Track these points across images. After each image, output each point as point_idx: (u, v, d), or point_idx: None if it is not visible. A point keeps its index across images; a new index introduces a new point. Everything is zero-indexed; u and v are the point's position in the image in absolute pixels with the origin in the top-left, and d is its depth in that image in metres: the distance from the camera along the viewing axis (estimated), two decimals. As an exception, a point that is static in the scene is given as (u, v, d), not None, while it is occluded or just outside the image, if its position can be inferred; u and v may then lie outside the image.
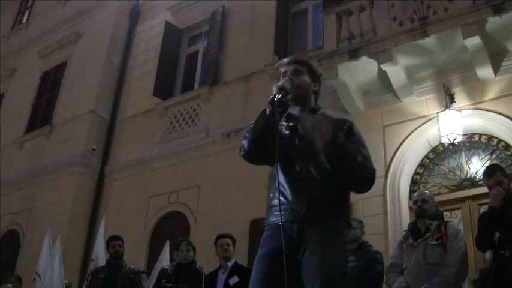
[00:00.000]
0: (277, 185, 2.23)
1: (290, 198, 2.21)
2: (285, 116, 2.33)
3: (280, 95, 2.23)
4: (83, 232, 9.37)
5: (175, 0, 10.85)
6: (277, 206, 2.21)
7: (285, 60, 2.55)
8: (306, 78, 2.44)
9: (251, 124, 2.29)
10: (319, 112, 2.44)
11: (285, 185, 2.25)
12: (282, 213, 2.18)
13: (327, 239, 2.13)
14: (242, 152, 2.30)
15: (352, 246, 4.54)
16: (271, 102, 2.22)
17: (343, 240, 2.25)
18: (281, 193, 2.23)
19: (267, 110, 2.22)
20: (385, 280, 4.33)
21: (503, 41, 6.27)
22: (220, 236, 5.10)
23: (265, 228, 2.28)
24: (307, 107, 2.43)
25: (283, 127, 2.36)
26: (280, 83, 2.32)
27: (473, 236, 4.98)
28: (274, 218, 2.22)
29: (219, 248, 5.02)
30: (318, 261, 2.08)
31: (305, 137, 2.31)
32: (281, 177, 2.26)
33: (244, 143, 2.28)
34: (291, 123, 2.37)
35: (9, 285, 6.91)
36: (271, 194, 2.30)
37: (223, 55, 9.58)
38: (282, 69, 2.46)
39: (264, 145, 2.23)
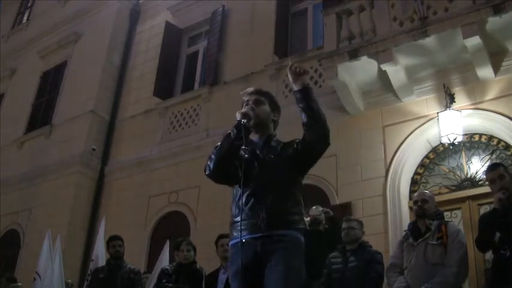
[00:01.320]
0: (240, 203, 2.46)
1: (250, 214, 2.42)
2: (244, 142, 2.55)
3: (245, 121, 2.46)
4: (83, 232, 9.37)
5: (175, 0, 10.85)
6: (239, 222, 2.43)
7: (248, 90, 2.74)
8: (267, 107, 2.66)
9: (216, 146, 2.51)
10: (274, 139, 2.66)
11: (246, 203, 2.46)
12: (243, 227, 2.41)
13: (287, 249, 2.35)
14: (207, 172, 2.52)
15: (352, 246, 4.55)
16: (236, 127, 2.46)
17: (301, 249, 2.45)
18: (242, 210, 2.45)
19: (232, 134, 2.45)
20: (385, 281, 4.33)
21: (503, 41, 6.27)
22: (221, 236, 5.09)
23: (230, 245, 2.49)
24: (265, 134, 2.65)
25: (244, 151, 2.57)
26: (244, 110, 2.54)
27: (473, 236, 4.98)
28: (237, 234, 2.42)
29: (219, 248, 5.02)
30: (281, 268, 2.30)
31: (263, 160, 2.53)
32: (242, 197, 2.48)
33: (210, 163, 2.50)
34: (251, 148, 2.59)
35: (19, 284, 6.93)
36: (233, 212, 2.51)
37: (223, 55, 9.58)
38: (245, 98, 2.67)
39: (228, 166, 2.49)
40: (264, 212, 2.39)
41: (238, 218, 2.44)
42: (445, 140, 6.34)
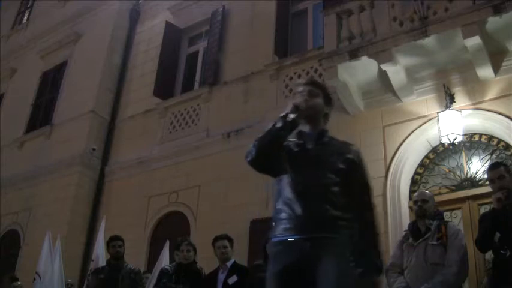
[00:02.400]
0: (284, 198, 2.33)
1: (299, 212, 2.29)
2: (296, 132, 2.45)
3: (294, 114, 2.33)
4: (83, 232, 9.38)
5: (175, 0, 10.86)
6: (285, 219, 2.30)
7: (303, 80, 2.65)
8: (320, 100, 2.53)
9: (261, 134, 2.36)
10: (327, 134, 2.54)
11: (293, 200, 2.32)
12: (289, 226, 2.28)
13: (339, 254, 2.24)
14: (249, 158, 2.36)
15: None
16: (284, 117, 2.32)
17: (351, 255, 2.33)
18: (289, 207, 2.31)
19: (279, 123, 2.31)
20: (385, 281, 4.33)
21: (503, 41, 6.27)
22: (216, 238, 5.07)
23: (273, 241, 2.34)
24: (317, 127, 2.52)
25: (292, 144, 2.45)
26: (296, 100, 2.40)
27: (473, 236, 4.98)
28: (285, 233, 2.29)
29: (217, 250, 5.02)
30: (335, 276, 2.18)
31: (314, 155, 2.41)
32: (288, 191, 2.34)
33: (253, 150, 2.34)
34: (301, 141, 2.47)
35: (19, 283, 6.93)
36: (278, 207, 2.37)
37: (223, 55, 9.58)
38: (299, 88, 2.55)
39: (271, 156, 2.34)
40: (314, 211, 2.28)
41: (284, 215, 2.32)
42: (445, 140, 6.34)
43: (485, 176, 6.09)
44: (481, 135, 6.54)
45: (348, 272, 2.24)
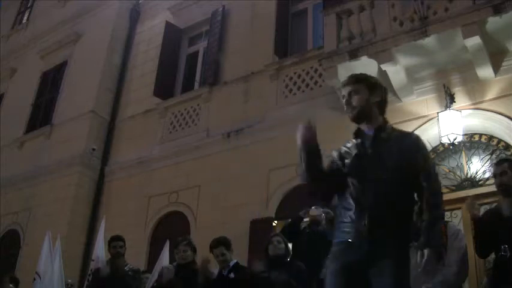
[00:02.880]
0: (346, 203, 2.37)
1: (359, 218, 2.30)
2: (354, 132, 2.47)
3: (307, 147, 2.37)
4: (83, 232, 9.38)
5: (175, 0, 10.86)
6: (346, 223, 2.33)
7: (344, 80, 2.57)
8: (362, 95, 2.47)
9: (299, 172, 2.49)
10: (386, 129, 2.48)
11: (353, 204, 2.34)
12: (348, 230, 2.32)
13: (395, 259, 2.23)
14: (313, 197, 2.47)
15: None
16: (302, 147, 2.36)
17: (408, 258, 2.34)
18: (350, 212, 2.34)
19: (300, 155, 2.38)
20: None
21: (503, 41, 6.27)
22: (213, 246, 5.02)
23: (335, 242, 2.39)
24: (373, 122, 2.47)
25: (351, 145, 2.45)
26: (299, 135, 2.38)
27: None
28: (344, 235, 2.34)
29: (215, 258, 5.00)
30: (389, 281, 2.19)
31: (373, 155, 2.38)
32: (350, 196, 2.36)
33: (307, 182, 2.44)
34: (359, 141, 2.44)
35: (11, 285, 6.91)
36: (340, 212, 2.41)
37: (223, 55, 9.58)
38: (342, 92, 2.53)
39: (324, 178, 2.40)
40: (373, 215, 2.27)
41: (345, 220, 2.36)
42: (445, 140, 6.34)
43: (485, 176, 6.14)
44: (481, 135, 6.54)
45: (404, 276, 2.26)
